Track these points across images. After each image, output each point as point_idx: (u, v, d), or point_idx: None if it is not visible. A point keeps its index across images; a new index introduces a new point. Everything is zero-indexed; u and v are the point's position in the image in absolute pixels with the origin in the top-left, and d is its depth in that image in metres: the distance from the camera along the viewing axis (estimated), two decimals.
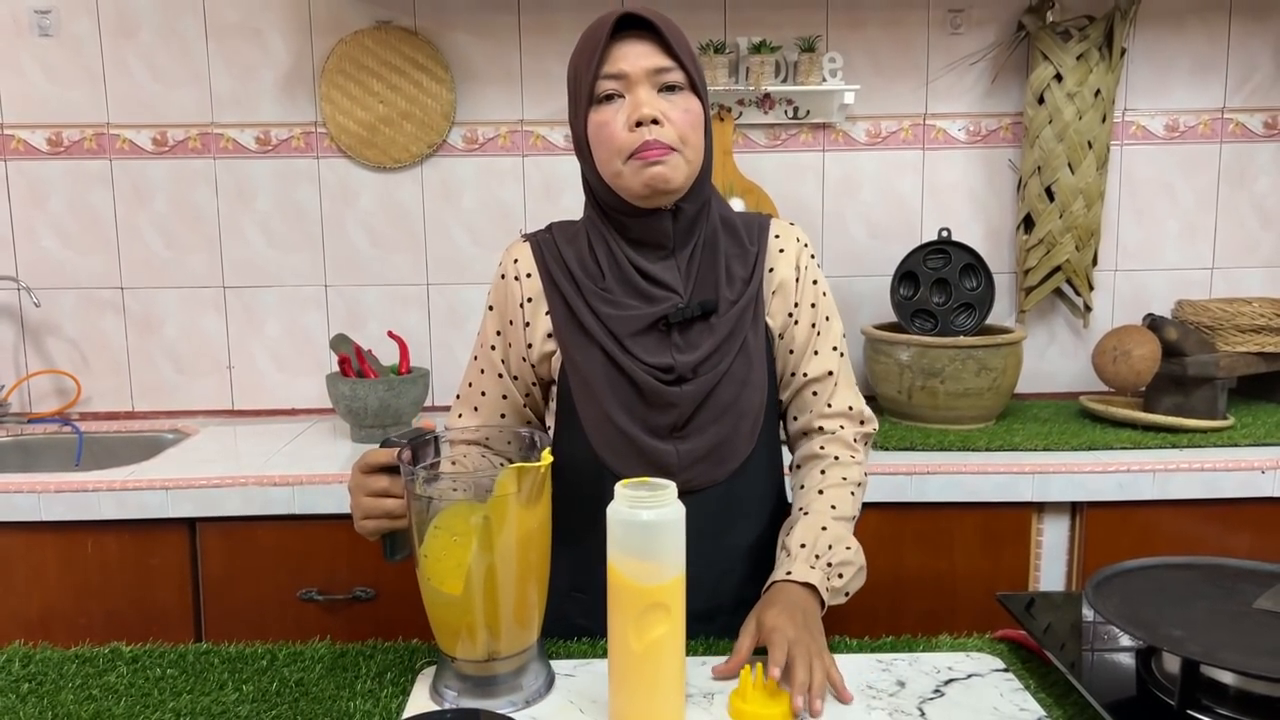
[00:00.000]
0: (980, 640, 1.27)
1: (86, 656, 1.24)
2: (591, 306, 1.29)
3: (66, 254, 2.41)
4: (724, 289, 1.29)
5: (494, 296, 1.37)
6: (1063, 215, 2.35)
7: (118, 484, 1.89)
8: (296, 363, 2.47)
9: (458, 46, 2.37)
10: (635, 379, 1.27)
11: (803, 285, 1.35)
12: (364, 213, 2.42)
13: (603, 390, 1.28)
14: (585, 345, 1.29)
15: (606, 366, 1.28)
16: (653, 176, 1.22)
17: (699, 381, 1.27)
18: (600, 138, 1.24)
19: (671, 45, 1.22)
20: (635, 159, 1.22)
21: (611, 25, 1.22)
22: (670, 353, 1.27)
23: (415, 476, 1.05)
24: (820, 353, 1.36)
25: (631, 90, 1.22)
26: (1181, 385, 2.18)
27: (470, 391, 1.40)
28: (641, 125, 1.21)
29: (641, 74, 1.22)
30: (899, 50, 2.41)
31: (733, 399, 1.29)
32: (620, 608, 1.01)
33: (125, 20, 2.33)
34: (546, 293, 1.32)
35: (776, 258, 1.35)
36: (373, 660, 1.22)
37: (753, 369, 1.30)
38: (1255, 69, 2.44)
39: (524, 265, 1.34)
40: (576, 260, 1.31)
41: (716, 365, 1.28)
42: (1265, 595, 1.11)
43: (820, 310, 1.37)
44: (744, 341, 1.30)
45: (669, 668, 1.03)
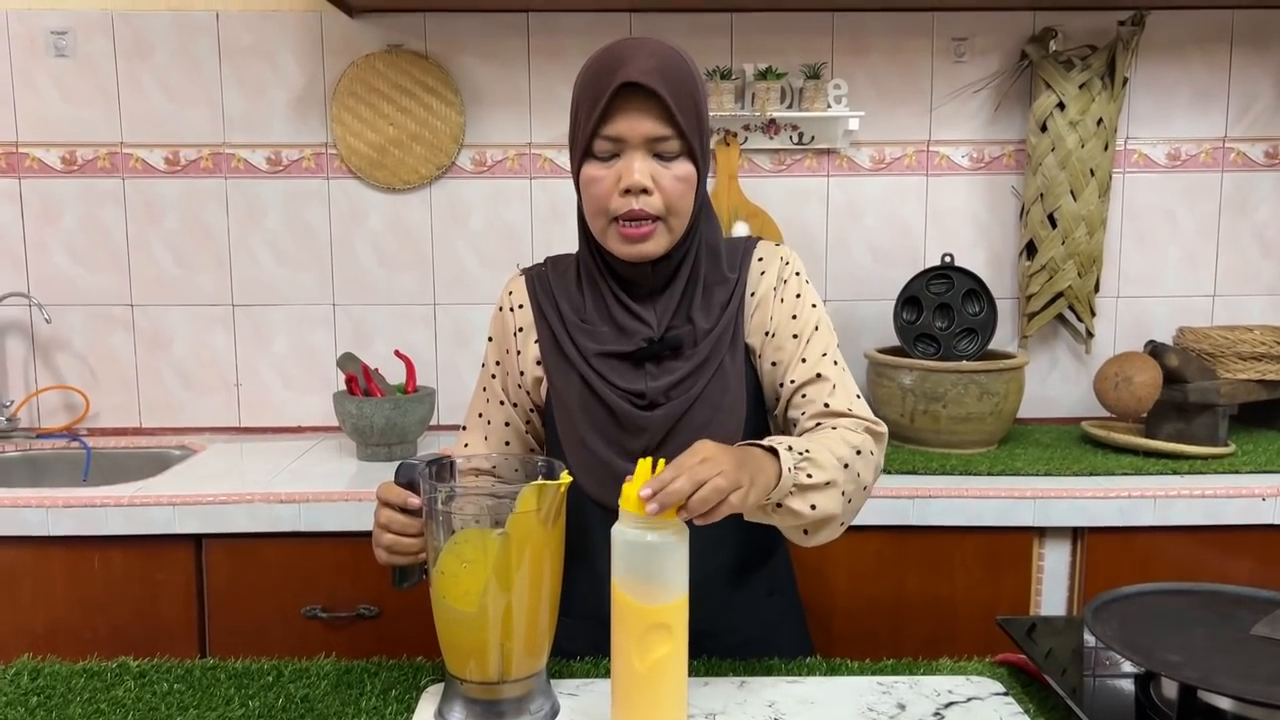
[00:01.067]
0: (980, 664, 1.28)
1: (94, 671, 1.26)
2: (572, 336, 1.33)
3: (77, 271, 2.43)
4: (699, 318, 1.30)
5: (493, 328, 1.43)
6: (1065, 242, 2.37)
7: (125, 499, 1.91)
8: (304, 381, 2.49)
9: (467, 70, 2.41)
10: (609, 403, 1.29)
11: (781, 298, 1.33)
12: (373, 233, 2.45)
13: (579, 415, 1.32)
14: (566, 372, 1.33)
15: (583, 392, 1.31)
16: (632, 252, 1.25)
17: (670, 406, 1.28)
18: (590, 193, 1.25)
19: (674, 113, 1.21)
20: (620, 227, 1.24)
21: (614, 89, 1.19)
22: (644, 380, 1.30)
23: (435, 494, 1.06)
24: (808, 359, 1.31)
25: (626, 153, 1.22)
26: (1183, 412, 2.19)
27: (478, 420, 1.43)
28: (630, 193, 1.22)
29: (639, 139, 1.21)
30: (903, 77, 2.43)
31: (705, 422, 1.29)
32: (624, 627, 1.03)
33: (140, 42, 2.37)
34: (536, 322, 1.37)
35: (757, 280, 1.35)
36: (377, 677, 1.24)
37: (728, 393, 1.30)
38: (1256, 99, 2.46)
39: (517, 297, 1.40)
40: (564, 292, 1.36)
41: (689, 390, 1.29)
42: (1262, 622, 1.12)
43: (804, 321, 1.32)
44: (719, 366, 1.30)
45: (671, 687, 1.04)
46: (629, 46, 1.23)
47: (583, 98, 1.25)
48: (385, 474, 2.07)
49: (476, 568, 1.04)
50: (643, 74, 1.19)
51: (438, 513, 1.06)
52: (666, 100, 1.20)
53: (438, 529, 1.07)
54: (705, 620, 1.28)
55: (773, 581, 1.43)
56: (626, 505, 1.01)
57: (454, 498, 1.08)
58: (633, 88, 1.20)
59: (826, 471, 1.15)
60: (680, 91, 1.22)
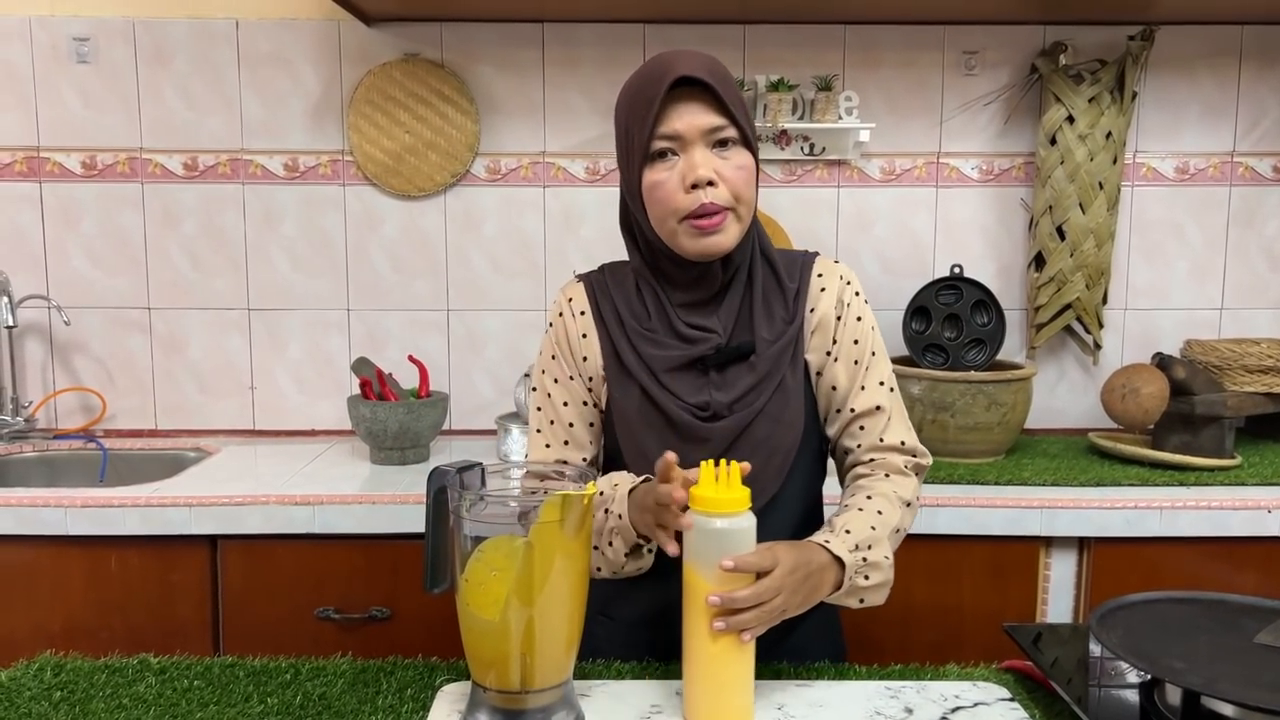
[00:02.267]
0: (987, 670, 1.30)
1: (116, 667, 1.28)
2: (634, 345, 1.33)
3: (96, 274, 2.46)
4: (762, 329, 1.31)
5: (555, 334, 1.40)
6: (1073, 254, 2.38)
7: (141, 500, 1.93)
8: (318, 385, 2.51)
9: (482, 79, 2.44)
10: (670, 415, 1.30)
11: (844, 322, 1.35)
12: (387, 239, 2.48)
13: (639, 426, 1.32)
14: (625, 382, 1.34)
15: (643, 403, 1.32)
16: (707, 246, 1.26)
17: (734, 418, 1.30)
18: (655, 197, 1.26)
19: (725, 102, 1.22)
20: (691, 223, 1.24)
21: (667, 85, 1.21)
22: (708, 391, 1.30)
23: (461, 501, 1.08)
24: (867, 388, 1.34)
25: (686, 149, 1.23)
26: (1189, 424, 2.20)
27: (554, 428, 1.39)
28: (697, 187, 1.23)
29: (696, 133, 1.22)
30: (914, 90, 2.46)
31: (766, 436, 1.31)
32: (696, 609, 1.09)
33: (161, 49, 2.40)
34: (597, 329, 1.37)
35: (818, 296, 1.36)
36: (393, 677, 1.26)
37: (788, 407, 1.32)
38: (1264, 114, 2.48)
39: (578, 303, 1.39)
40: (624, 302, 1.36)
41: (752, 403, 1.30)
42: (1266, 630, 1.13)
43: (865, 346, 1.35)
44: (781, 380, 1.31)
45: (740, 665, 1.10)
46: (670, 53, 1.26)
47: (633, 107, 1.26)
48: (398, 477, 2.11)
49: (504, 576, 1.06)
50: (692, 69, 1.22)
51: (464, 520, 1.08)
52: (718, 91, 1.22)
53: (464, 536, 1.08)
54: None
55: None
56: (695, 505, 1.09)
57: (480, 505, 1.10)
58: (684, 85, 1.22)
59: (881, 571, 1.24)
60: (728, 83, 1.25)
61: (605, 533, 1.27)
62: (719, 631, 1.08)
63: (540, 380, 1.41)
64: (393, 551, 1.95)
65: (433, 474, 1.14)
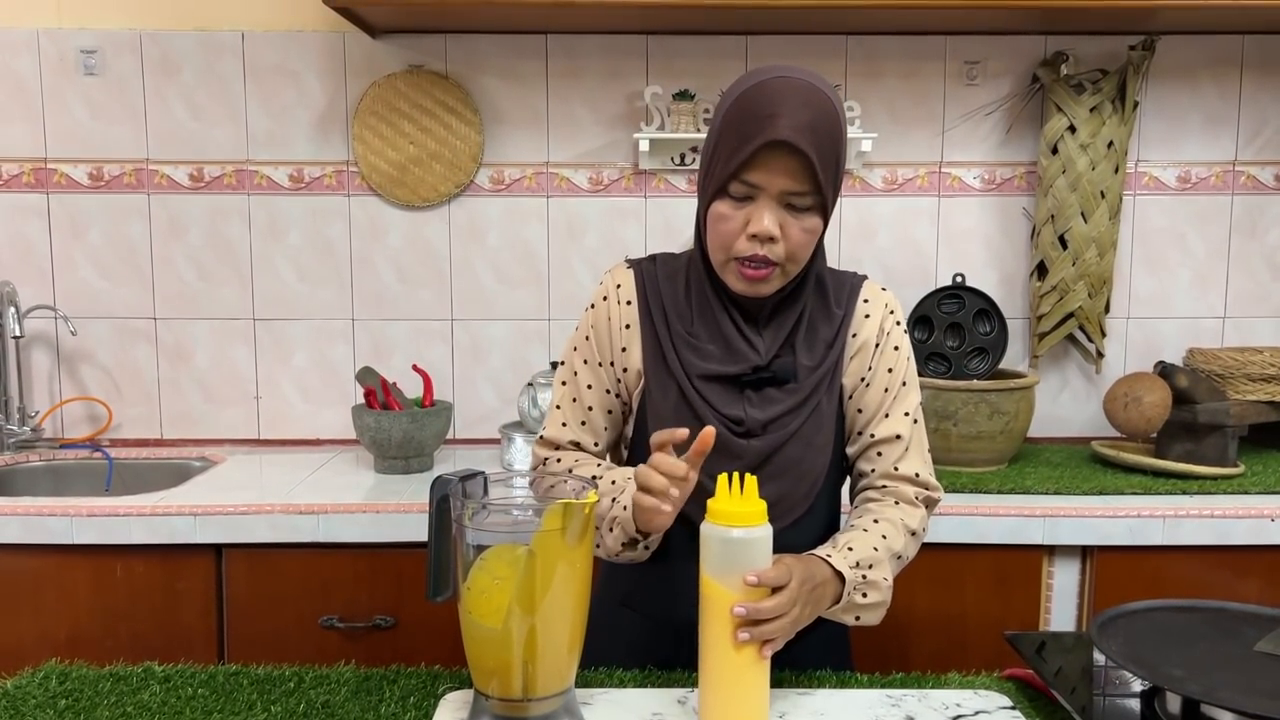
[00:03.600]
0: (989, 678, 1.30)
1: (120, 675, 1.29)
2: (677, 349, 1.33)
3: (103, 284, 2.48)
4: (804, 356, 1.33)
5: (596, 317, 1.39)
6: (1075, 263, 2.39)
7: (147, 509, 1.94)
8: (323, 394, 2.53)
9: (487, 91, 2.45)
10: (705, 423, 1.29)
11: (882, 350, 1.36)
12: (392, 250, 2.49)
13: (673, 427, 1.30)
14: (665, 381, 1.34)
15: (680, 405, 1.33)
16: (747, 290, 1.28)
17: (767, 438, 1.31)
18: (716, 229, 1.27)
19: (816, 172, 1.21)
20: (740, 266, 1.26)
21: (765, 141, 1.19)
22: (743, 406, 1.31)
23: (464, 510, 1.09)
24: (891, 416, 1.35)
25: (759, 199, 1.23)
26: (1192, 432, 2.21)
27: (575, 406, 1.40)
28: (757, 239, 1.24)
29: (775, 191, 1.22)
30: (916, 100, 2.47)
31: (797, 459, 1.33)
32: (713, 619, 1.10)
33: (168, 61, 2.42)
34: (641, 322, 1.36)
35: (861, 322, 1.37)
36: (396, 685, 1.26)
37: (821, 432, 1.34)
38: (1266, 123, 2.48)
39: (625, 292, 1.38)
40: (672, 299, 1.36)
41: (786, 425, 1.32)
42: (1266, 639, 1.14)
43: (896, 375, 1.36)
44: (817, 405, 1.33)
45: (757, 674, 1.11)
46: (784, 92, 1.21)
47: (727, 133, 1.24)
48: (402, 486, 2.12)
49: (506, 584, 1.06)
50: (794, 131, 1.19)
51: (466, 528, 1.09)
52: (812, 160, 1.20)
53: (467, 545, 1.09)
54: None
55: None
56: (713, 519, 1.10)
57: (483, 513, 1.10)
58: (780, 142, 1.20)
59: (879, 591, 1.26)
60: (826, 148, 1.22)
61: (607, 519, 1.28)
62: (743, 642, 1.09)
63: (570, 357, 1.41)
64: (397, 560, 1.96)
65: (435, 483, 1.14)
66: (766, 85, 1.22)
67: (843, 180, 1.30)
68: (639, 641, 1.38)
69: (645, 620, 1.41)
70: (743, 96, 1.24)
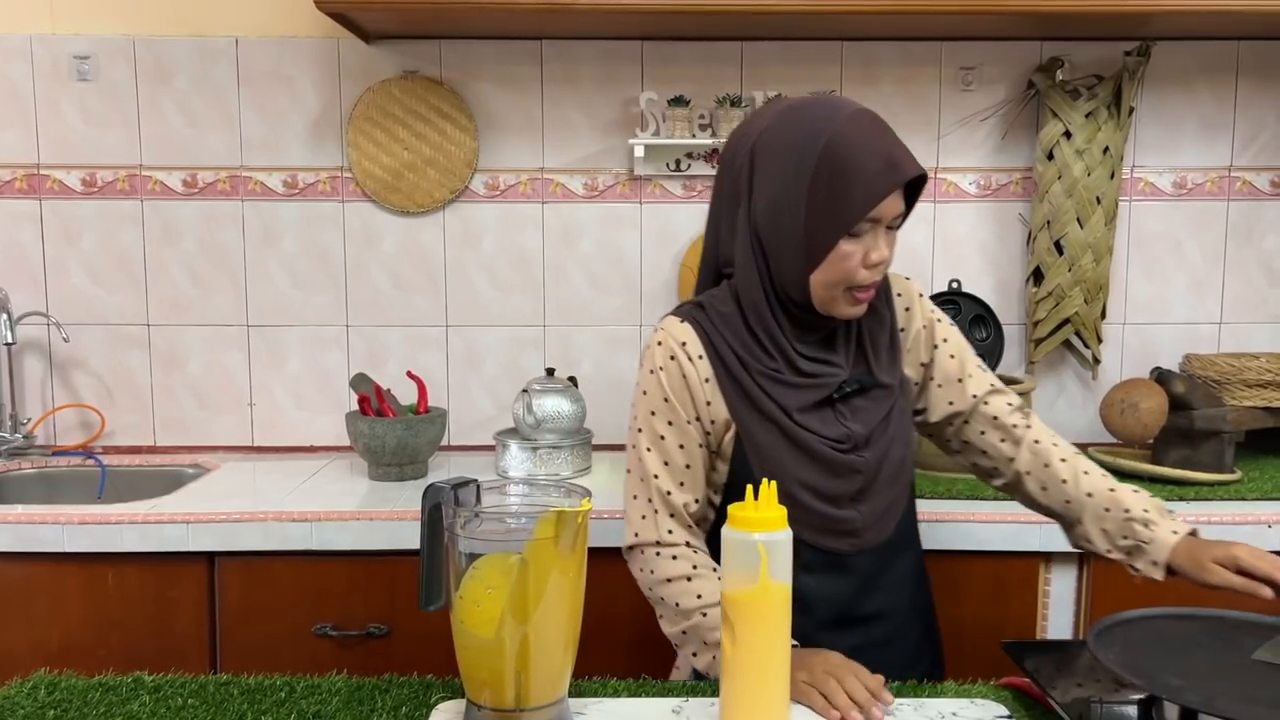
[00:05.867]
0: (985, 686, 1.29)
1: (110, 685, 1.28)
2: (762, 386, 1.35)
3: (96, 291, 2.47)
4: (873, 359, 1.39)
5: (668, 379, 1.37)
6: (1071, 269, 2.38)
7: (139, 517, 1.93)
8: (316, 401, 2.52)
9: (481, 96, 2.44)
10: (815, 451, 1.34)
11: (931, 331, 1.46)
12: (387, 256, 2.48)
13: (782, 466, 1.34)
14: (762, 423, 1.35)
15: (785, 442, 1.35)
16: (856, 312, 1.34)
17: (875, 447, 1.37)
18: (839, 266, 1.29)
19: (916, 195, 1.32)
20: (854, 293, 1.32)
21: (902, 183, 1.28)
22: (842, 424, 1.36)
23: (456, 518, 1.08)
24: (974, 376, 1.45)
25: (875, 229, 1.29)
26: (1189, 438, 2.20)
27: (669, 470, 1.38)
28: (874, 266, 1.30)
29: (889, 219, 1.30)
30: (912, 105, 2.46)
31: (900, 458, 1.40)
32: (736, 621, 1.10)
33: (161, 67, 2.41)
34: (717, 373, 1.37)
35: (904, 316, 1.45)
36: (388, 694, 1.25)
37: (907, 426, 1.42)
38: (1262, 128, 2.48)
39: (693, 348, 1.37)
40: (740, 344, 1.37)
41: (886, 429, 1.38)
42: (1264, 647, 1.13)
43: (951, 344, 1.46)
44: (897, 402, 1.40)
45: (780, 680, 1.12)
46: (877, 129, 1.30)
47: (840, 181, 1.26)
48: (396, 493, 2.11)
49: (499, 594, 1.06)
50: (914, 164, 1.29)
51: (459, 537, 1.08)
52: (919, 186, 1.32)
53: (459, 553, 1.08)
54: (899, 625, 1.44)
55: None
56: (733, 524, 1.10)
57: (475, 522, 1.10)
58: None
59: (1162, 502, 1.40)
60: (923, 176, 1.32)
61: (691, 632, 1.33)
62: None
63: (649, 423, 1.38)
64: (391, 568, 1.95)
65: (428, 490, 1.13)
66: (863, 121, 1.29)
67: None
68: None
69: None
70: (847, 136, 1.27)
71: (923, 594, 1.53)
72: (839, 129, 1.27)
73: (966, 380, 1.45)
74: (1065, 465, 1.40)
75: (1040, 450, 1.42)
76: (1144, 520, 1.33)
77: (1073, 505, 1.39)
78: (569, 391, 2.27)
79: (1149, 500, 1.38)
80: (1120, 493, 1.37)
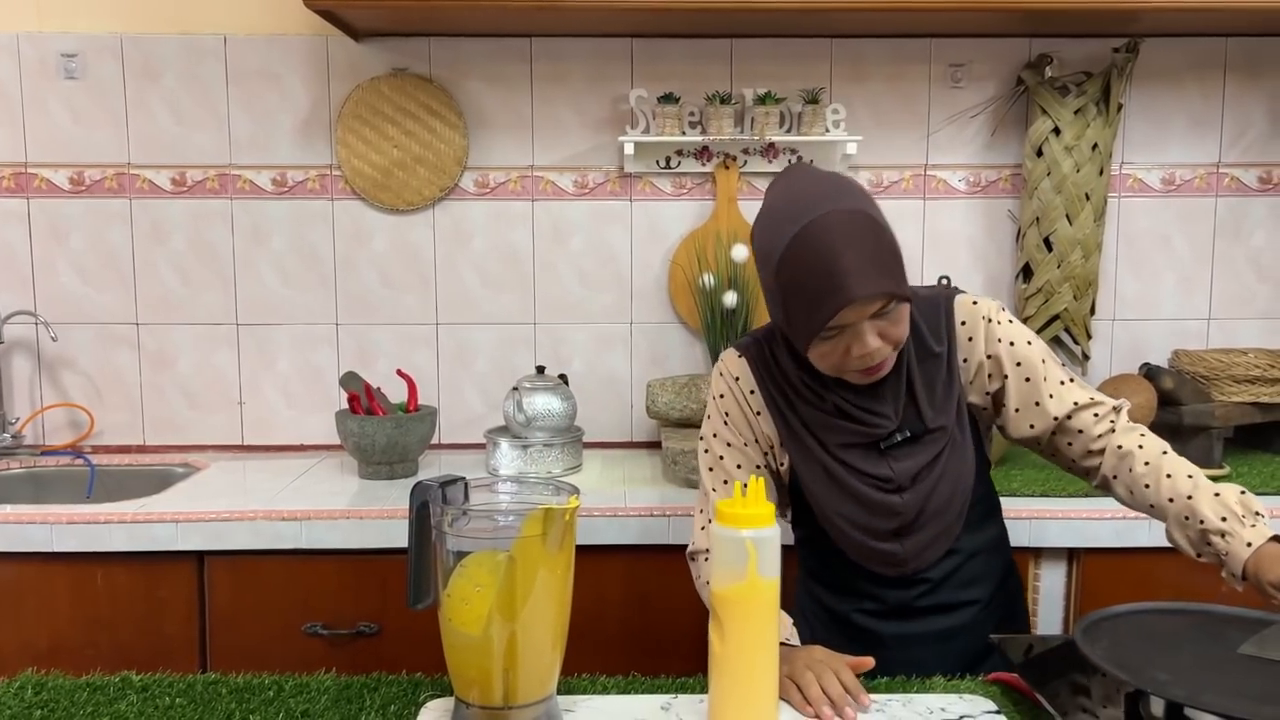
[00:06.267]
0: (973, 682, 1.30)
1: (97, 685, 1.27)
2: (808, 425, 1.39)
3: (84, 290, 2.46)
4: (925, 402, 1.37)
5: (726, 406, 1.45)
6: (1060, 265, 2.39)
7: (128, 516, 1.93)
8: (306, 399, 2.51)
9: (471, 94, 2.44)
10: (854, 490, 1.38)
11: (1002, 359, 1.40)
12: (376, 254, 2.48)
13: (826, 500, 1.40)
14: (807, 458, 1.41)
15: (827, 480, 1.40)
16: (870, 379, 1.33)
17: (917, 489, 1.37)
18: (820, 363, 1.32)
19: (893, 289, 1.24)
20: (858, 372, 1.31)
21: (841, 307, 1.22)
22: (886, 465, 1.37)
23: (443, 516, 1.08)
24: (1055, 395, 1.39)
25: (854, 326, 1.26)
26: (1178, 434, 2.21)
27: (726, 489, 1.45)
28: (864, 357, 1.28)
29: (866, 318, 1.26)
30: (901, 103, 2.47)
31: (949, 495, 1.39)
32: (725, 618, 1.10)
33: (149, 65, 2.41)
34: (769, 406, 1.42)
35: (966, 346, 1.41)
36: (377, 693, 1.25)
37: (964, 462, 1.40)
38: (1250, 125, 2.49)
39: (744, 383, 1.44)
40: (789, 385, 1.40)
41: (930, 473, 1.37)
42: (1250, 641, 1.13)
43: (1025, 368, 1.40)
44: (950, 440, 1.38)
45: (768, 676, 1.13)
46: (836, 243, 1.22)
47: (795, 295, 1.26)
48: (386, 492, 2.10)
49: (487, 591, 1.05)
50: (863, 283, 1.22)
51: (446, 535, 1.08)
52: (887, 289, 1.24)
53: (447, 551, 1.08)
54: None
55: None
56: (721, 520, 1.10)
57: (463, 520, 1.09)
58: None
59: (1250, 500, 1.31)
60: (890, 264, 1.25)
61: None
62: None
63: (711, 444, 1.47)
64: (381, 567, 1.95)
65: (415, 489, 1.13)
66: (813, 235, 1.23)
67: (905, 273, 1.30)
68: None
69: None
70: (795, 255, 1.24)
71: (1001, 593, 1.51)
72: (793, 245, 1.25)
73: (1046, 403, 1.39)
74: (1148, 469, 1.36)
75: (1124, 455, 1.38)
76: (1219, 531, 1.27)
77: (1157, 510, 1.36)
78: (559, 389, 2.27)
79: (1230, 503, 1.29)
80: (1198, 499, 1.30)
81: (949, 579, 1.44)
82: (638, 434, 2.53)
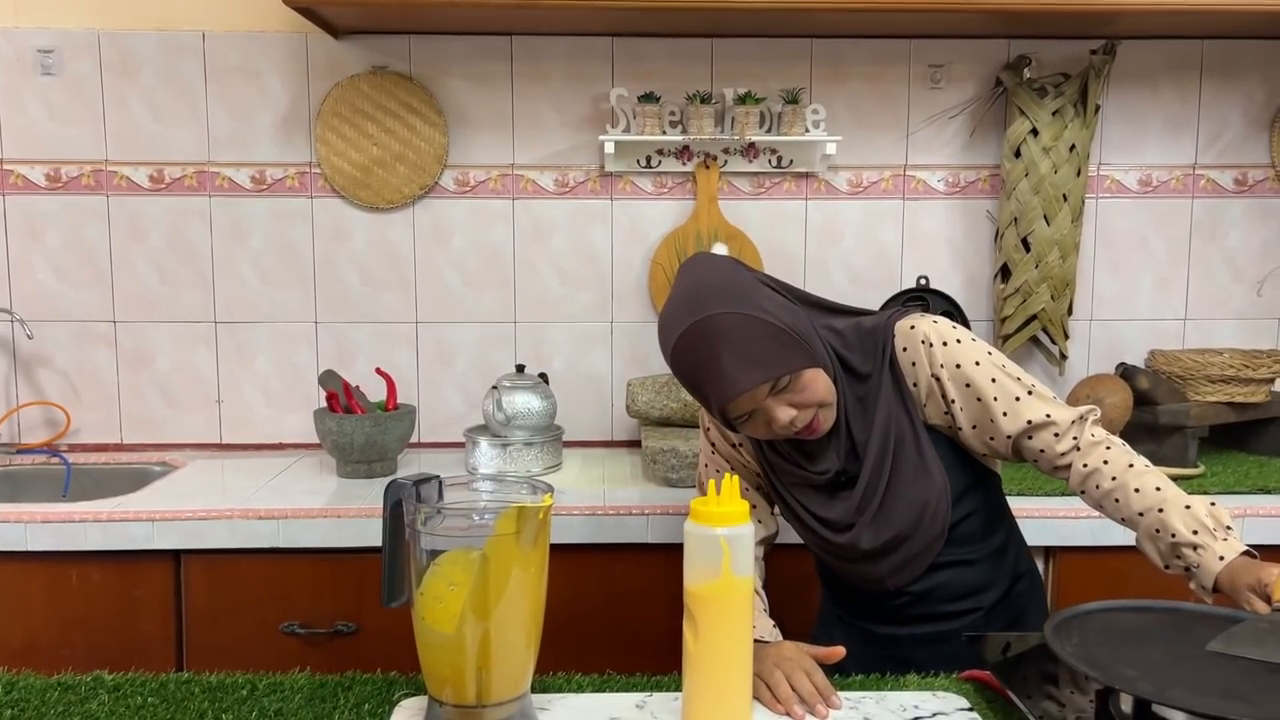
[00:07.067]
0: (947, 680, 1.30)
1: (69, 684, 1.27)
2: (770, 464, 1.48)
3: (61, 287, 2.44)
4: (874, 444, 1.39)
5: (714, 435, 1.55)
6: (1038, 265, 2.40)
7: (104, 515, 1.91)
8: (285, 398, 2.50)
9: (451, 92, 2.44)
10: (810, 527, 1.46)
11: (946, 383, 1.39)
12: (356, 252, 2.47)
13: (797, 530, 1.51)
14: (777, 491, 1.52)
15: (791, 515, 1.51)
16: (810, 437, 1.37)
17: (873, 525, 1.40)
18: (757, 436, 1.38)
19: (776, 377, 1.28)
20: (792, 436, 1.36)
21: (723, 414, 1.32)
22: (836, 504, 1.43)
23: (417, 515, 1.08)
24: (1009, 413, 1.38)
25: (761, 406, 1.30)
26: (1153, 434, 2.22)
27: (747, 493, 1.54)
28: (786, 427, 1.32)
29: (762, 402, 1.30)
30: (880, 103, 2.47)
31: (914, 520, 1.40)
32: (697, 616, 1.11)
33: (127, 61, 2.39)
34: (749, 439, 1.48)
35: (911, 371, 1.41)
36: (351, 692, 1.25)
37: (932, 481, 1.41)
38: (1226, 127, 2.51)
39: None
40: None
41: (883, 505, 1.40)
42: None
43: (976, 388, 1.39)
44: (899, 467, 1.40)
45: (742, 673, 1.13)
46: (720, 356, 1.27)
47: (693, 390, 1.35)
48: (364, 490, 2.10)
49: (460, 590, 1.05)
50: (741, 383, 1.27)
51: (419, 533, 1.08)
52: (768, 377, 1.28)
53: (420, 550, 1.08)
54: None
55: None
56: (694, 519, 1.11)
57: (437, 518, 1.09)
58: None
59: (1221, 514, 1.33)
60: (778, 359, 1.28)
61: None
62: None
63: (703, 472, 1.58)
64: (358, 565, 1.94)
65: (389, 487, 1.13)
66: (694, 338, 1.28)
67: (808, 336, 1.35)
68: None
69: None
70: (681, 356, 1.31)
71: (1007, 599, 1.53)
72: (678, 345, 1.31)
73: (999, 421, 1.38)
74: (1115, 485, 1.35)
75: (1090, 474, 1.38)
76: (1191, 544, 1.28)
77: (1128, 523, 1.36)
78: (539, 388, 2.27)
79: (1200, 516, 1.29)
80: (1169, 512, 1.30)
81: (937, 590, 1.46)
82: (618, 433, 2.53)
